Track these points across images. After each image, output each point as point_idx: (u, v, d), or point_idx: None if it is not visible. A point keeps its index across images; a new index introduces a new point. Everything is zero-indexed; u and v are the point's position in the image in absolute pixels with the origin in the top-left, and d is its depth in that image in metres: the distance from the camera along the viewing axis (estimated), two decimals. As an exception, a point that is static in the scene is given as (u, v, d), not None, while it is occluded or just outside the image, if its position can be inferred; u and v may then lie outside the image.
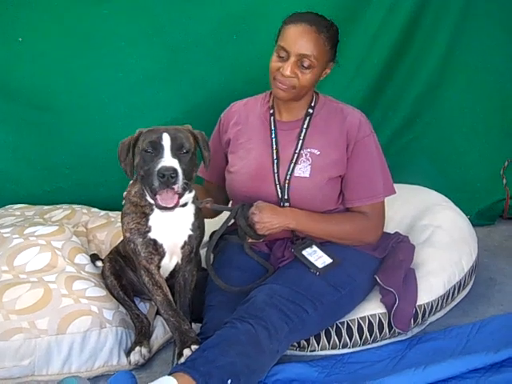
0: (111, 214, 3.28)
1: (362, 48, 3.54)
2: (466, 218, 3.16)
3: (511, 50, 3.61)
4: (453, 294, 2.77)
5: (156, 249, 2.40)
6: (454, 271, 2.78)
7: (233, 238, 2.63)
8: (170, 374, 2.04)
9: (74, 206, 3.39)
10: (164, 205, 2.22)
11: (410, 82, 3.71)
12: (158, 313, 2.68)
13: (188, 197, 2.37)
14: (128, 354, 2.46)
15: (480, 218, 3.69)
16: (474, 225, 3.19)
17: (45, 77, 3.41)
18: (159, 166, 2.16)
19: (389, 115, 3.75)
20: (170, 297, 2.45)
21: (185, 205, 2.38)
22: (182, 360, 2.21)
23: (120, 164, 2.33)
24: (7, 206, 3.44)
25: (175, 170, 2.16)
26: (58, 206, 3.40)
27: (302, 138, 2.58)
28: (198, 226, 2.48)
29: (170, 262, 2.48)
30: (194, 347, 2.25)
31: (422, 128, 3.81)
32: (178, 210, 2.33)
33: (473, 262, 2.90)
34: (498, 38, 3.59)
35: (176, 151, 2.21)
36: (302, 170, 2.54)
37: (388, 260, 2.66)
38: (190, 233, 2.45)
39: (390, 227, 2.93)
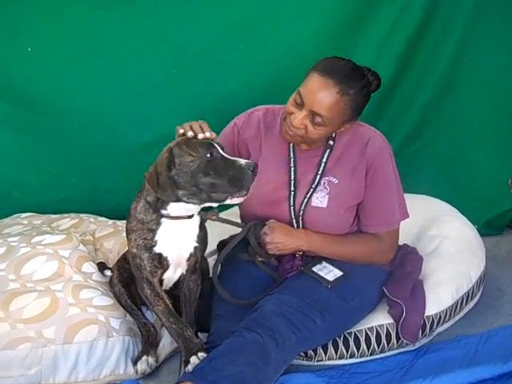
0: (119, 222, 3.28)
1: (370, 55, 3.53)
2: (473, 228, 3.15)
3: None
4: (461, 305, 2.75)
5: (160, 262, 2.39)
6: (462, 282, 2.77)
7: (243, 255, 2.61)
8: (177, 383, 2.04)
9: (82, 215, 3.39)
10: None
11: (417, 90, 3.70)
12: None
13: (194, 208, 2.35)
14: (135, 362, 2.46)
15: (488, 228, 3.67)
16: (482, 235, 3.18)
17: (52, 83, 3.42)
18: (242, 163, 2.19)
19: (396, 123, 3.74)
20: (171, 306, 2.43)
21: (191, 216, 2.38)
22: (190, 368, 2.21)
23: (156, 192, 2.23)
24: (15, 215, 3.45)
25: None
26: (66, 215, 3.40)
27: (321, 168, 2.50)
28: (203, 238, 2.47)
29: (174, 274, 2.47)
30: (200, 355, 2.24)
31: (430, 136, 3.79)
32: (184, 221, 2.34)
33: (481, 273, 2.89)
34: (505, 45, 3.57)
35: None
36: (320, 199, 2.49)
37: (396, 272, 2.65)
38: (196, 244, 2.44)
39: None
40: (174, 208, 2.30)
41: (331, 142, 2.50)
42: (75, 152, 3.57)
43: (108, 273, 2.75)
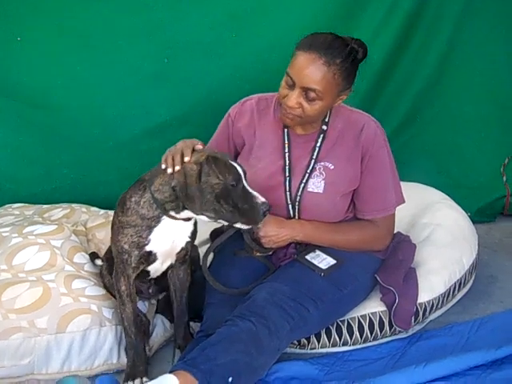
0: (110, 212, 3.24)
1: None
2: (466, 216, 3.16)
3: (511, 46, 3.61)
4: (453, 292, 2.77)
5: (148, 259, 2.36)
6: (455, 269, 2.78)
7: (241, 252, 2.60)
8: (170, 372, 2.04)
9: (74, 205, 3.37)
10: None
11: (410, 79, 3.71)
12: (157, 311, 2.68)
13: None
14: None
15: (480, 215, 3.69)
16: (474, 222, 3.20)
17: (43, 75, 3.39)
18: (258, 201, 2.20)
19: (389, 112, 3.74)
20: (136, 315, 2.44)
21: (191, 219, 2.35)
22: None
23: (184, 202, 2.20)
24: (6, 206, 3.43)
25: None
26: (58, 205, 3.38)
27: (316, 152, 2.50)
28: (195, 232, 2.46)
29: (162, 265, 2.45)
30: (144, 379, 2.32)
31: (423, 125, 3.81)
32: (182, 222, 2.31)
33: (473, 260, 2.90)
34: (497, 34, 3.59)
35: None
36: (316, 185, 2.48)
37: (389, 259, 2.65)
38: (188, 240, 2.43)
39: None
40: (187, 214, 2.27)
41: (324, 127, 2.50)
42: (67, 143, 3.54)
43: (99, 262, 2.74)
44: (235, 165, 2.21)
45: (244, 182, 2.22)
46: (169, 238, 2.35)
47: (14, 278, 2.53)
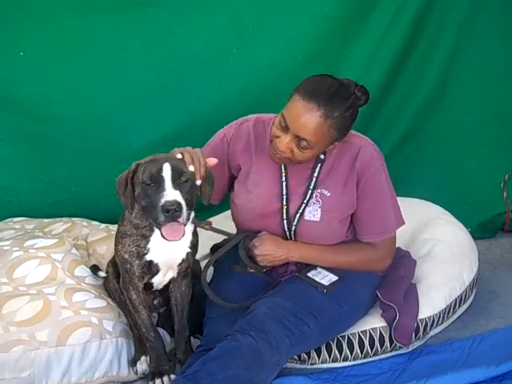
0: (111, 227, 3.25)
1: (362, 61, 3.54)
2: (466, 232, 3.16)
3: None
4: (454, 308, 2.76)
5: (150, 268, 2.39)
6: (455, 285, 2.78)
7: (235, 266, 2.60)
8: (170, 387, 2.05)
9: (74, 219, 3.37)
10: (171, 239, 2.18)
11: (410, 95, 3.71)
12: (157, 324, 2.66)
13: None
14: (133, 363, 2.47)
15: (481, 231, 3.69)
16: (474, 238, 3.19)
17: (45, 89, 3.40)
18: (162, 200, 2.11)
19: (389, 127, 3.75)
20: (152, 319, 2.45)
21: None
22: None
23: (119, 198, 2.28)
24: (7, 220, 3.42)
25: (179, 204, 2.11)
26: (58, 220, 3.38)
27: (313, 182, 2.47)
28: (195, 243, 2.47)
29: (164, 277, 2.47)
30: (172, 376, 2.35)
31: (423, 140, 3.80)
32: None
33: (474, 276, 2.90)
34: (497, 51, 3.59)
35: (177, 181, 2.15)
36: (312, 213, 2.46)
37: (389, 275, 2.64)
38: (188, 250, 2.43)
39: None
40: None
41: (322, 156, 2.46)
42: (68, 157, 3.55)
43: (102, 274, 2.73)
44: (163, 165, 2.16)
45: (166, 181, 2.14)
46: (166, 247, 2.36)
47: (15, 291, 2.52)
